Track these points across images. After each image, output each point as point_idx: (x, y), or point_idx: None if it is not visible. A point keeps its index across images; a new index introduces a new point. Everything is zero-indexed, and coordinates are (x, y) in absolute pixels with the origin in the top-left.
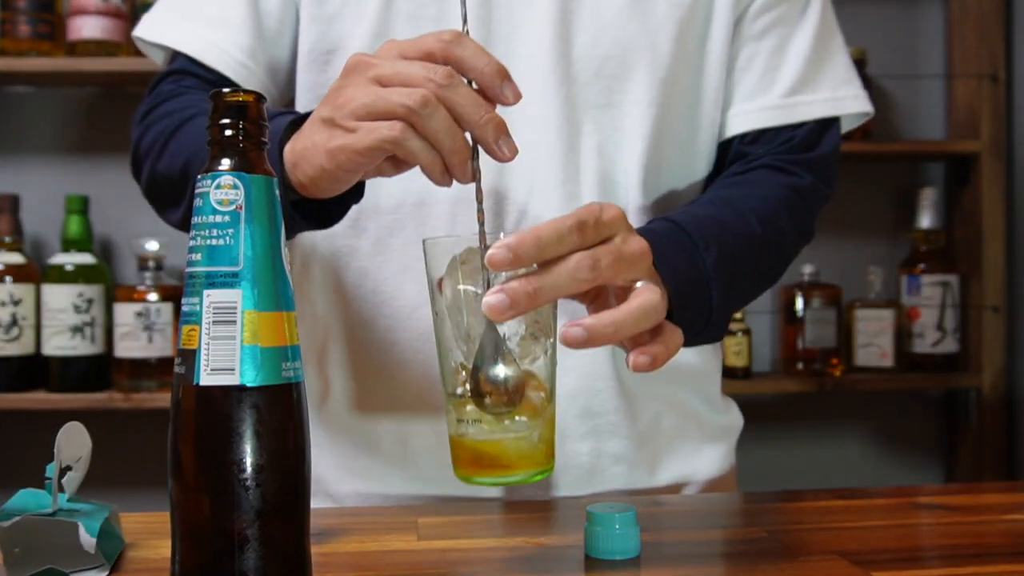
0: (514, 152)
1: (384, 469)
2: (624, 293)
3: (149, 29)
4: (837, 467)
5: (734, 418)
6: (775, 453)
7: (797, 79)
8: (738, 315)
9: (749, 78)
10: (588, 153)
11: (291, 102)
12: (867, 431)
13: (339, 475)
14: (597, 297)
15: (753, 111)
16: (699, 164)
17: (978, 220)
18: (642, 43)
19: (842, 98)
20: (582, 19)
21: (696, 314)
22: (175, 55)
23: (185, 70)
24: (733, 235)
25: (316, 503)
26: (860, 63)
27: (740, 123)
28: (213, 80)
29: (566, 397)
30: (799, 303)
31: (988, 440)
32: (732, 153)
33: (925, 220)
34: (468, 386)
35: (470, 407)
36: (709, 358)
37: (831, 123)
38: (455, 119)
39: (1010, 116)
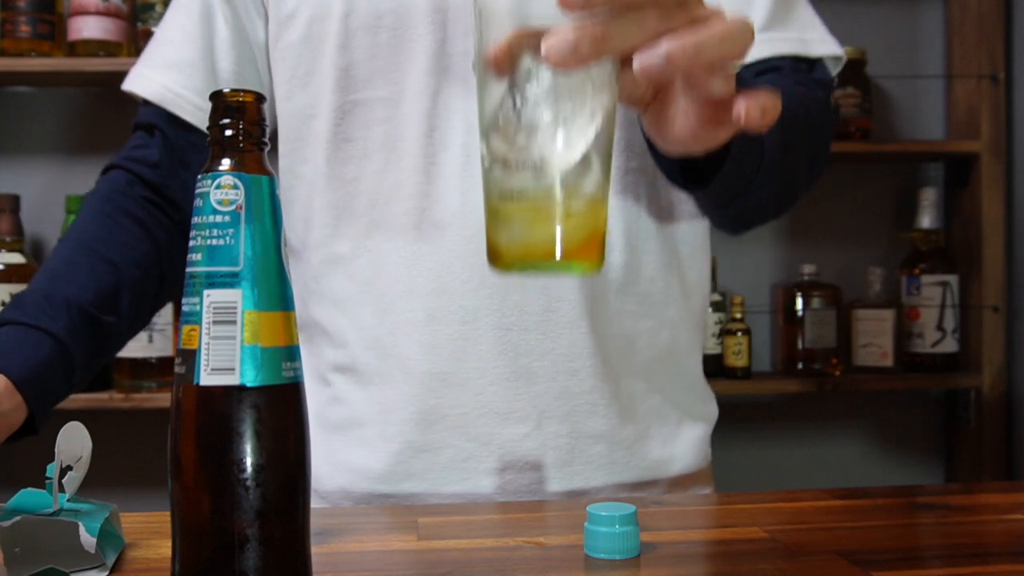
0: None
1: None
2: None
3: (127, 79)
4: (837, 467)
5: (712, 409)
6: (774, 453)
7: (768, 19)
8: (738, 315)
9: None
10: None
11: (273, 131)
12: (867, 431)
13: (327, 471)
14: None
15: None
16: None
17: (978, 220)
18: None
19: (811, 40)
20: None
21: (750, 152)
22: (144, 100)
23: (150, 123)
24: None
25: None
26: (860, 63)
27: None
28: (176, 126)
29: (545, 379)
30: (799, 303)
31: (988, 440)
32: None
33: (925, 220)
34: (511, 151)
35: (510, 164)
36: (690, 337)
37: (814, 67)
38: None
39: (1010, 116)
